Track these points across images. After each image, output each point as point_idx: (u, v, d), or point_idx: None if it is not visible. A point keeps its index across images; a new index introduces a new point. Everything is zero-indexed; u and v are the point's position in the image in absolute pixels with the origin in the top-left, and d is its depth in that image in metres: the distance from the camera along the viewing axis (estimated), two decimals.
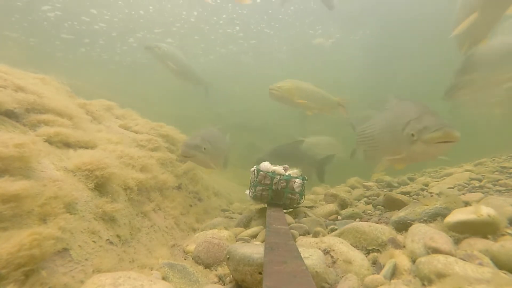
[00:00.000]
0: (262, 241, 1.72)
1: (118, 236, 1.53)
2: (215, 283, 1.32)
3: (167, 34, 14.15)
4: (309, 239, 1.54)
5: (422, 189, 2.82)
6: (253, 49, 16.17)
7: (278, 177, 2.18)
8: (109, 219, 1.52)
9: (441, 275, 1.04)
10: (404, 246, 1.39)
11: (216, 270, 1.43)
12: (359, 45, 14.99)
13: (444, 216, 1.49)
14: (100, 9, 12.36)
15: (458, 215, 1.38)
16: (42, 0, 11.25)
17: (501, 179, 2.56)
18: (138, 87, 14.50)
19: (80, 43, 13.58)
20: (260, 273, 1.11)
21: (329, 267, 1.28)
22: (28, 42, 12.87)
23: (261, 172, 2.20)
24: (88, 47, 13.90)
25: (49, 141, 1.69)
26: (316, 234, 1.76)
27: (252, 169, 2.27)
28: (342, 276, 1.22)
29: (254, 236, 1.87)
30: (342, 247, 1.36)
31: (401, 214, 1.71)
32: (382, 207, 2.45)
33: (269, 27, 14.82)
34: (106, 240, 1.42)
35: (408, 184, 3.33)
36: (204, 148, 2.85)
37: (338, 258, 1.31)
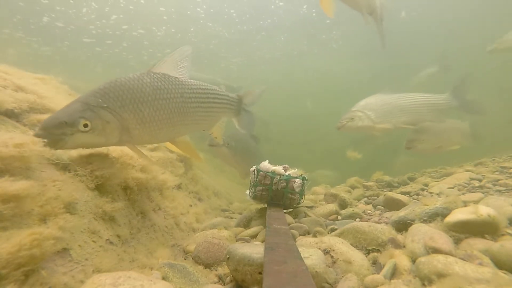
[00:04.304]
0: (262, 241, 1.72)
1: (118, 236, 1.52)
2: (215, 283, 1.32)
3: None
4: (309, 239, 1.54)
5: (422, 189, 2.82)
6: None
7: (278, 177, 2.18)
8: (109, 219, 1.52)
9: (441, 275, 1.04)
10: (404, 246, 1.39)
11: (216, 270, 1.43)
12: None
13: (444, 216, 1.49)
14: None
15: (458, 215, 1.39)
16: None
17: (501, 179, 2.57)
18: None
19: (102, 45, 13.27)
20: (260, 273, 1.11)
21: (329, 267, 1.28)
22: (33, 43, 12.79)
23: (261, 172, 2.20)
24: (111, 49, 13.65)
25: None
26: (316, 234, 1.76)
27: (252, 169, 2.28)
28: (342, 276, 1.22)
29: (254, 236, 1.87)
30: (342, 247, 1.36)
31: (401, 214, 1.71)
32: (382, 207, 2.45)
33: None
34: (106, 240, 1.42)
35: (408, 184, 3.33)
36: (103, 122, 1.38)
37: (338, 258, 1.31)
